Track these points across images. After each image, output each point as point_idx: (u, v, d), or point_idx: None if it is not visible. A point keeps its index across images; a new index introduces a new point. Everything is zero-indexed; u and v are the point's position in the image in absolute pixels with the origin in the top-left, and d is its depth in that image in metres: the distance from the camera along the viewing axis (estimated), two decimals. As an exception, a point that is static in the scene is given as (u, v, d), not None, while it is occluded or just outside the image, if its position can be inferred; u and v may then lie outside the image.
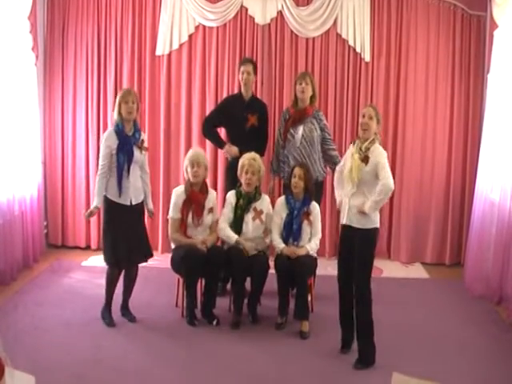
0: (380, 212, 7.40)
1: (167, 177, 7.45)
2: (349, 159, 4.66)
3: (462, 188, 7.28)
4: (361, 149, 4.55)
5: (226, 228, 5.42)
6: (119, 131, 5.11)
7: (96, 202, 5.14)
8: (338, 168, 5.00)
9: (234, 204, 5.48)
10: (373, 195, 4.52)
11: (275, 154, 6.13)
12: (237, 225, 5.46)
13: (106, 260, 5.25)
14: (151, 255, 5.45)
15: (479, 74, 7.12)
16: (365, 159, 4.49)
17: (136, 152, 5.15)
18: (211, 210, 5.50)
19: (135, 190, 5.21)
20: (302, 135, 5.84)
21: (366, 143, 4.54)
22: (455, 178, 7.28)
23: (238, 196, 5.50)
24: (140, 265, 5.40)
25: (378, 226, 4.64)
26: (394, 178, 7.04)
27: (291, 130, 5.89)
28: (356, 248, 4.56)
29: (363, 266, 4.57)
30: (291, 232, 5.37)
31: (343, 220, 4.71)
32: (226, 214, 5.48)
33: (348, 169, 4.61)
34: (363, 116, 4.59)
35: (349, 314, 4.75)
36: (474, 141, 7.07)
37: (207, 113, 6.95)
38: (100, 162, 5.16)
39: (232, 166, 5.95)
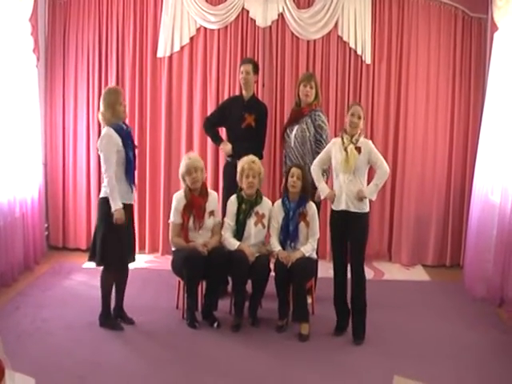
0: (381, 214, 7.46)
1: (168, 179, 7.43)
2: (339, 151, 5.01)
3: (462, 189, 7.27)
4: (352, 141, 4.98)
5: (230, 237, 5.39)
6: (118, 128, 4.91)
7: (117, 205, 4.87)
8: (316, 163, 5.29)
9: (235, 211, 5.44)
10: (373, 180, 5.01)
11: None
12: (239, 230, 5.43)
13: (113, 264, 5.02)
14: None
15: (480, 75, 7.13)
16: (357, 149, 4.95)
17: None
18: (212, 213, 5.45)
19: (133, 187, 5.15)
20: (295, 135, 5.80)
21: (356, 136, 5.00)
22: (455, 180, 7.29)
23: (240, 201, 5.46)
24: (140, 266, 5.36)
25: (369, 210, 5.08)
26: (395, 180, 7.19)
27: (287, 130, 5.90)
28: (352, 231, 4.99)
29: (360, 249, 5.01)
30: (288, 234, 5.35)
31: (340, 206, 5.02)
32: (228, 223, 5.44)
33: (343, 159, 4.96)
34: (352, 115, 5.01)
35: (342, 297, 5.13)
36: (474, 143, 7.02)
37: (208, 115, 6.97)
38: (109, 165, 4.86)
39: (229, 165, 6.03)
